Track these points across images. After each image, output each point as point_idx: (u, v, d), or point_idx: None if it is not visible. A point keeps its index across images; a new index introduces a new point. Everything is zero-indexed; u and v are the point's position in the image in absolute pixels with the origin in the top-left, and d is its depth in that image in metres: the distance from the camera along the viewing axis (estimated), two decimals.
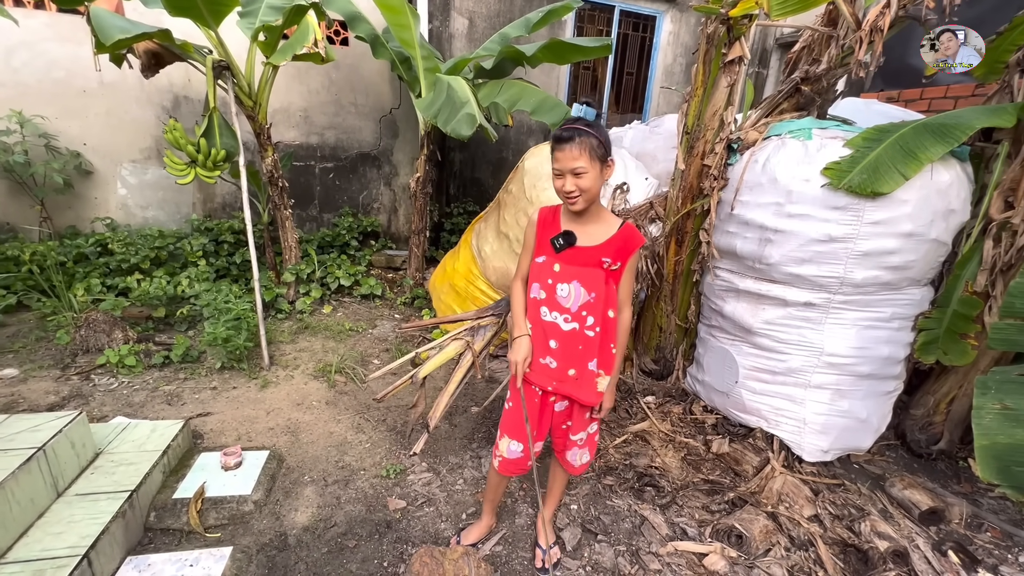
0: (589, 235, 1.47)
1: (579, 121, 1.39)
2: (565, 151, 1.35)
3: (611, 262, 1.47)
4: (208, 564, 1.69)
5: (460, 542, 1.84)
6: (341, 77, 4.64)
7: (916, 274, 2.23)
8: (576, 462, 1.71)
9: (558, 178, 1.40)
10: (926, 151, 2.01)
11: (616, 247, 1.47)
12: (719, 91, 2.37)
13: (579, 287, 1.47)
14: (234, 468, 2.10)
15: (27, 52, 3.77)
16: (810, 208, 2.16)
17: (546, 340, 1.53)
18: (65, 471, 1.81)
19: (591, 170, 1.36)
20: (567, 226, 1.49)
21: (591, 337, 1.50)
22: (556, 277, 1.49)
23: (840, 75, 2.40)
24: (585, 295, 1.48)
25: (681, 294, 2.85)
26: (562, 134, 1.37)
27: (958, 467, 2.50)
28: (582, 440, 1.68)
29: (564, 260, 1.49)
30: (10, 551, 1.53)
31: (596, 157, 1.36)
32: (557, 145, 1.37)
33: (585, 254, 1.47)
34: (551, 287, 1.50)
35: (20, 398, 2.58)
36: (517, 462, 1.66)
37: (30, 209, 3.90)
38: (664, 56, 5.55)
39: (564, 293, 1.48)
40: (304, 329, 3.62)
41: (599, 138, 1.37)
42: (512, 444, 1.64)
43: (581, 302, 1.48)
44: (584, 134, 1.35)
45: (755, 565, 1.84)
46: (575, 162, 1.34)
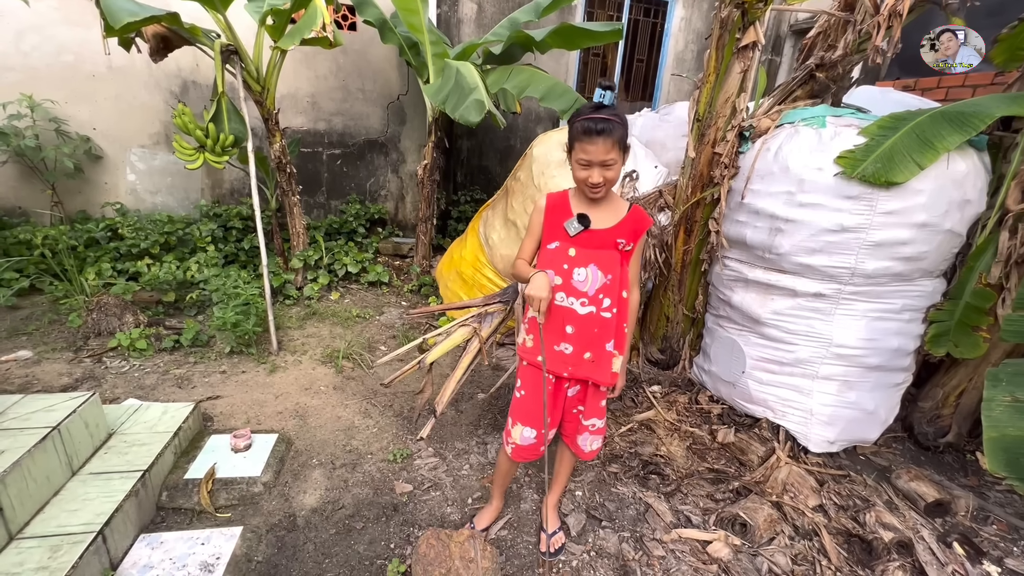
0: (602, 218, 1.47)
1: (605, 110, 1.35)
2: (598, 144, 1.31)
3: (625, 243, 1.48)
4: (219, 543, 1.72)
5: (475, 527, 1.85)
6: (349, 63, 4.61)
7: (929, 265, 2.20)
8: (587, 447, 1.71)
9: (584, 169, 1.36)
10: (943, 140, 1.97)
11: (629, 228, 1.47)
12: (732, 77, 2.33)
13: (596, 270, 1.46)
14: (244, 450, 2.13)
15: (37, 36, 3.77)
16: (822, 197, 2.14)
17: (562, 326, 1.52)
18: (79, 450, 1.84)
19: (619, 161, 1.35)
20: (578, 209, 1.47)
21: (607, 319, 1.50)
22: (572, 262, 1.48)
23: (856, 62, 2.36)
24: (602, 278, 1.47)
25: (689, 284, 2.84)
26: (595, 126, 1.31)
27: (965, 460, 2.49)
28: (595, 426, 1.68)
29: (579, 244, 1.47)
30: (27, 527, 1.56)
31: (622, 148, 1.35)
32: (588, 138, 1.32)
33: (601, 236, 1.46)
34: (567, 272, 1.48)
35: (34, 379, 2.62)
36: (531, 448, 1.65)
37: (41, 193, 3.93)
38: (675, 43, 5.47)
39: (581, 277, 1.47)
40: (312, 315, 3.65)
41: (626, 128, 1.35)
42: (525, 431, 1.63)
43: (599, 285, 1.47)
44: (616, 126, 1.31)
45: (759, 553, 1.85)
46: (607, 155, 1.32)
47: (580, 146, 1.35)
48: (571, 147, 1.40)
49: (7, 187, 3.94)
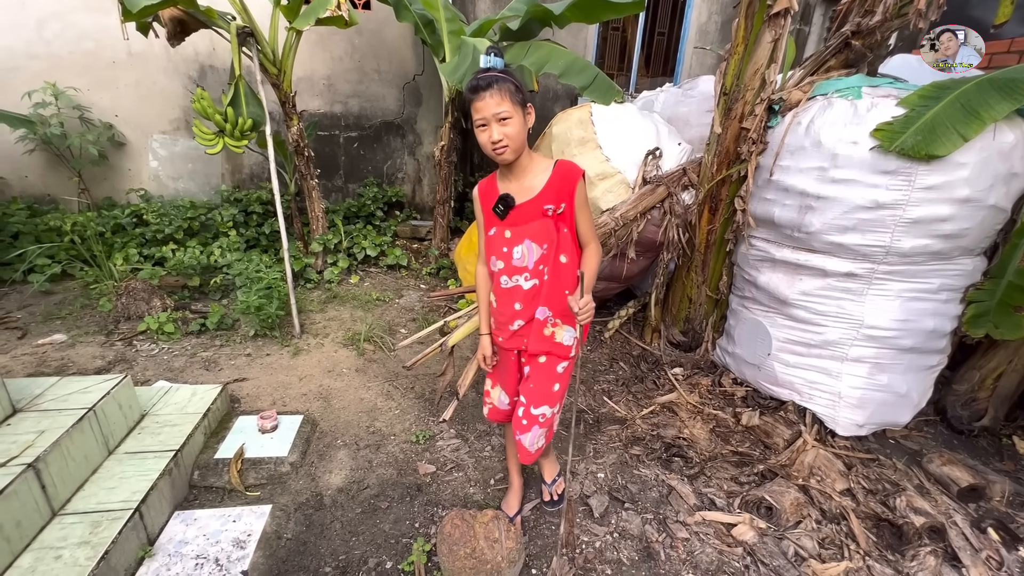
0: (525, 190, 1.44)
1: (491, 69, 1.34)
2: (485, 99, 1.30)
3: (554, 208, 1.43)
4: (249, 520, 1.77)
5: (511, 520, 1.77)
6: (364, 43, 4.55)
7: (969, 243, 2.10)
8: (531, 446, 1.60)
9: (483, 130, 1.35)
10: (990, 109, 1.86)
11: (554, 190, 1.42)
12: (762, 47, 2.23)
13: (531, 244, 1.45)
14: (271, 431, 2.17)
15: (58, 23, 3.81)
16: (857, 173, 2.04)
17: (511, 305, 1.52)
18: (115, 431, 1.90)
19: (515, 115, 1.33)
20: (503, 188, 1.47)
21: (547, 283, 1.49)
22: (509, 243, 1.47)
23: (896, 28, 2.22)
24: (538, 249, 1.45)
25: (713, 264, 2.77)
26: (478, 82, 1.31)
27: (1001, 445, 2.42)
28: (543, 417, 1.58)
29: (511, 224, 1.46)
30: (68, 503, 1.62)
31: (517, 102, 1.33)
32: (475, 95, 1.32)
33: (526, 209, 1.44)
34: (507, 255, 1.48)
35: (70, 362, 2.71)
36: (505, 413, 1.72)
37: (68, 181, 4.02)
38: (698, 14, 5.26)
39: (519, 255, 1.46)
40: (332, 298, 3.68)
41: (515, 83, 1.33)
42: (503, 396, 1.70)
43: (536, 257, 1.46)
44: (501, 80, 1.31)
45: (784, 536, 1.83)
46: (499, 107, 1.30)
47: (473, 107, 1.34)
48: (470, 118, 1.39)
49: (36, 175, 4.03)
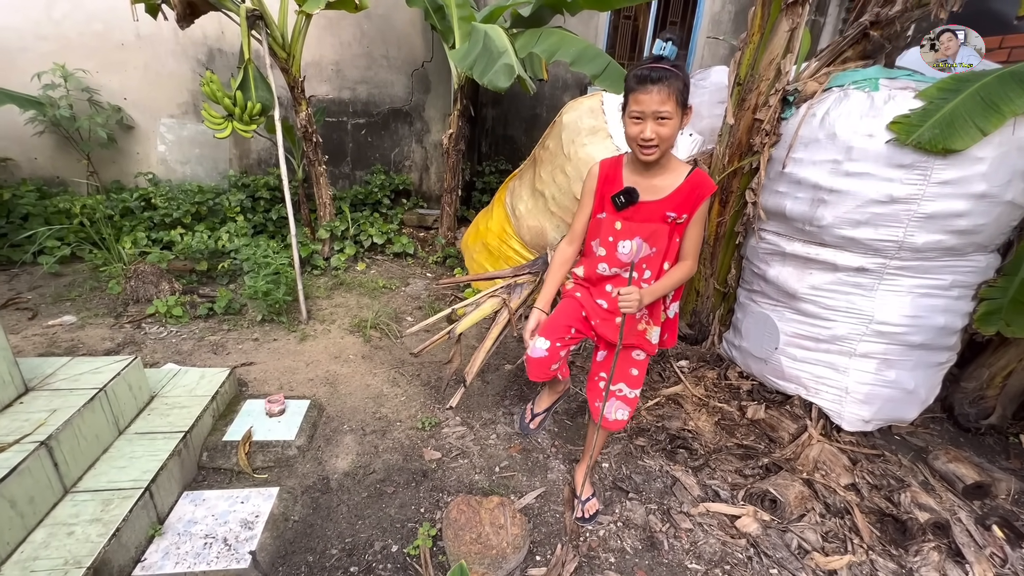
0: (653, 189, 1.38)
1: (663, 60, 1.24)
2: (651, 93, 1.20)
3: (676, 216, 1.37)
4: (257, 502, 1.79)
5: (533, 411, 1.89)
6: (373, 28, 4.51)
7: (984, 239, 2.07)
8: (611, 415, 1.67)
9: (636, 123, 1.26)
10: (1011, 103, 1.83)
11: (682, 198, 1.36)
12: (778, 36, 2.19)
13: (641, 243, 1.40)
14: (278, 415, 2.19)
15: (67, 3, 3.78)
16: (871, 166, 2.02)
17: (603, 284, 1.53)
18: (125, 411, 1.92)
19: (675, 117, 1.24)
20: (630, 180, 1.40)
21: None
22: (617, 235, 1.43)
23: (916, 18, 2.19)
24: (647, 250, 1.42)
25: (722, 257, 2.75)
26: (649, 74, 1.21)
27: (1008, 443, 2.41)
28: (621, 391, 1.64)
29: (626, 217, 1.42)
30: (80, 481, 1.65)
31: (680, 103, 1.24)
32: (641, 86, 1.22)
33: (648, 209, 1.39)
34: (612, 244, 1.44)
35: (80, 343, 2.73)
36: (540, 362, 1.57)
37: (77, 163, 4.02)
38: (712, 3, 5.17)
39: (625, 250, 1.43)
40: (339, 285, 3.69)
41: (686, 81, 1.24)
42: (539, 340, 1.55)
43: (642, 255, 1.42)
44: (672, 76, 1.21)
45: (788, 529, 1.84)
46: (662, 106, 1.21)
47: (633, 97, 1.25)
48: (625, 103, 1.30)
49: (45, 157, 4.03)
